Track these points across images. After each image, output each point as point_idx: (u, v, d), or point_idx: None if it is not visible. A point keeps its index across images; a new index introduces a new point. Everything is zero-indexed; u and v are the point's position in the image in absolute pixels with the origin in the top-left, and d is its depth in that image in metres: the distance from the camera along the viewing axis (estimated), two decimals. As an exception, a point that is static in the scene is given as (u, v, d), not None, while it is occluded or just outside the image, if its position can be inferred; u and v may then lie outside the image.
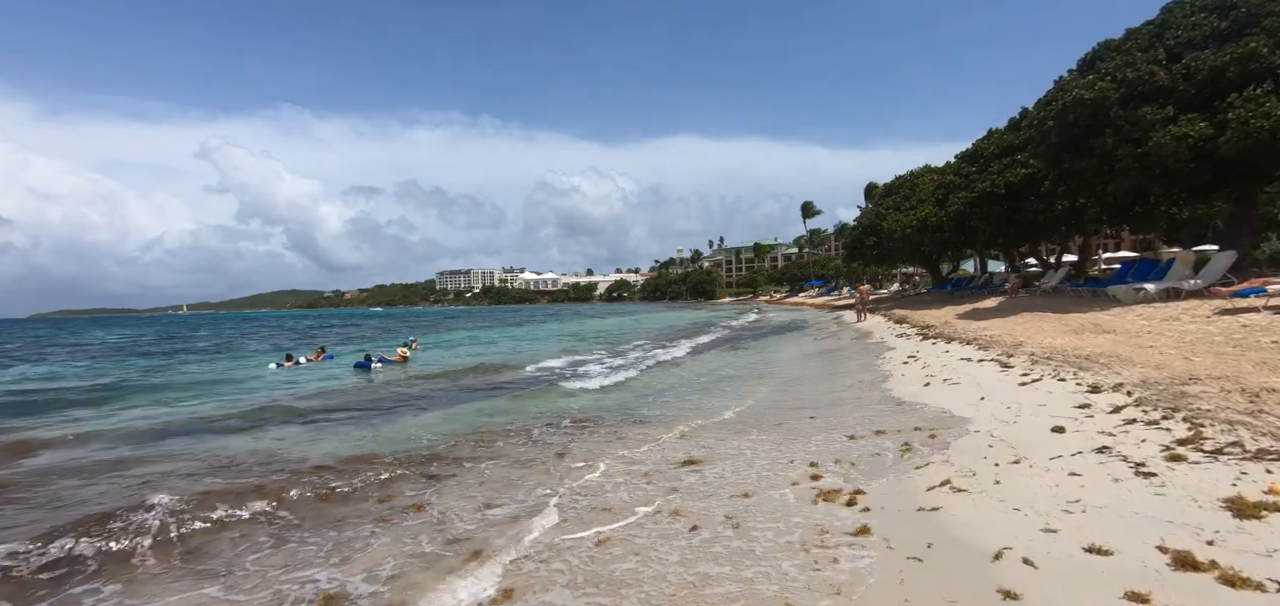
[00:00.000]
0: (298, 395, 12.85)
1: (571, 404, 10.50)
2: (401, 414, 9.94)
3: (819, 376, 11.64)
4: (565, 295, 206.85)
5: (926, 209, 30.73)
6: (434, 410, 10.25)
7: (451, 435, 7.94)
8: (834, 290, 79.90)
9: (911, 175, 41.71)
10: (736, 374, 13.37)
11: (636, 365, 16.03)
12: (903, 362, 11.15)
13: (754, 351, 18.85)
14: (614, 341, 25.11)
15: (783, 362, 14.83)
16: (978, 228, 27.27)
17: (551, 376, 14.62)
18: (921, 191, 35.73)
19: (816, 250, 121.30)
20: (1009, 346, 10.84)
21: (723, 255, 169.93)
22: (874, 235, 39.52)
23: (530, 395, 11.72)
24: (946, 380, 8.52)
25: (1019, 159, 26.06)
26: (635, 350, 20.75)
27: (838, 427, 6.59)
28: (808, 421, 7.28)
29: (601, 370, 15.22)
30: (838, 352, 15.72)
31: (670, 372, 14.44)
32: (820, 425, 6.93)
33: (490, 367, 16.92)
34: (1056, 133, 18.11)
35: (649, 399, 10.58)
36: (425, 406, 10.72)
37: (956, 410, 6.50)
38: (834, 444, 5.92)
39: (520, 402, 10.88)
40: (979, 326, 15.15)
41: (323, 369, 17.93)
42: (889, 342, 15.67)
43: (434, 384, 14.04)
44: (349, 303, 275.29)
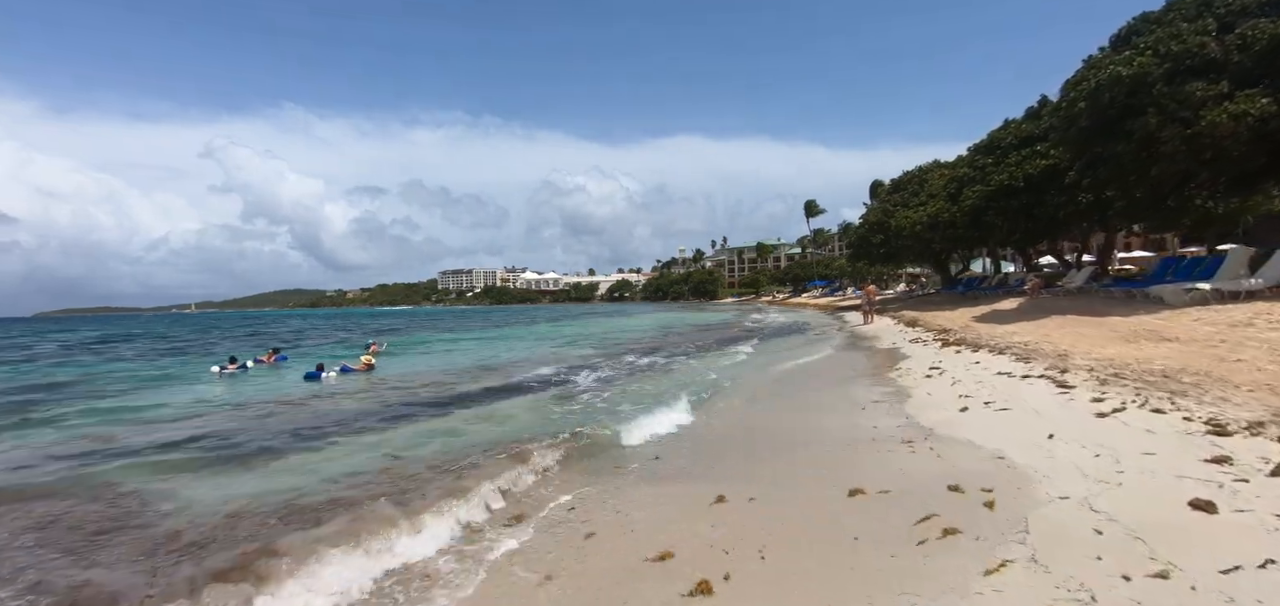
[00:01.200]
0: (214, 408, 11.07)
1: (517, 425, 8.70)
2: (318, 442, 8.13)
3: (818, 393, 9.78)
4: (566, 295, 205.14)
5: (938, 204, 28.81)
6: (356, 438, 8.44)
7: (357, 474, 6.15)
8: (838, 290, 77.93)
9: (920, 170, 39.81)
10: (711, 383, 11.54)
11: (603, 381, 14.21)
12: (924, 376, 9.29)
13: (745, 356, 17.00)
14: (601, 348, 23.30)
15: (775, 373, 12.97)
16: (994, 223, 25.35)
17: (504, 391, 12.82)
18: (932, 186, 33.82)
19: (820, 250, 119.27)
20: (1053, 356, 8.97)
21: (725, 255, 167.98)
22: (881, 233, 37.59)
23: (477, 419, 9.91)
24: (989, 403, 6.66)
25: (1038, 150, 24.15)
26: (609, 361, 18.93)
27: (837, 474, 4.74)
28: (794, 460, 5.46)
29: (554, 378, 13.42)
30: (843, 362, 13.86)
31: (631, 382, 12.61)
32: (810, 466, 5.11)
33: (450, 381, 15.13)
34: (1088, 115, 16.20)
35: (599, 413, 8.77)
36: (350, 432, 8.91)
37: (1016, 454, 4.65)
38: (828, 505, 4.09)
39: (470, 425, 9.09)
40: (1005, 331, 13.27)
41: (268, 375, 16.16)
42: (903, 349, 13.81)
43: (383, 397, 12.25)
44: (351, 302, 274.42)
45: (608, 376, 13.69)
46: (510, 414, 9.50)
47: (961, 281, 36.36)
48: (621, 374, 14.07)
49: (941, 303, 29.11)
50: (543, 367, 16.09)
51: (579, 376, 13.89)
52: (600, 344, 23.61)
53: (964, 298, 29.51)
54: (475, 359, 19.35)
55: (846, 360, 13.88)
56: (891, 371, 10.69)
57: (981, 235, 27.16)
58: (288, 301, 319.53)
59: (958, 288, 34.79)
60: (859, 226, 41.93)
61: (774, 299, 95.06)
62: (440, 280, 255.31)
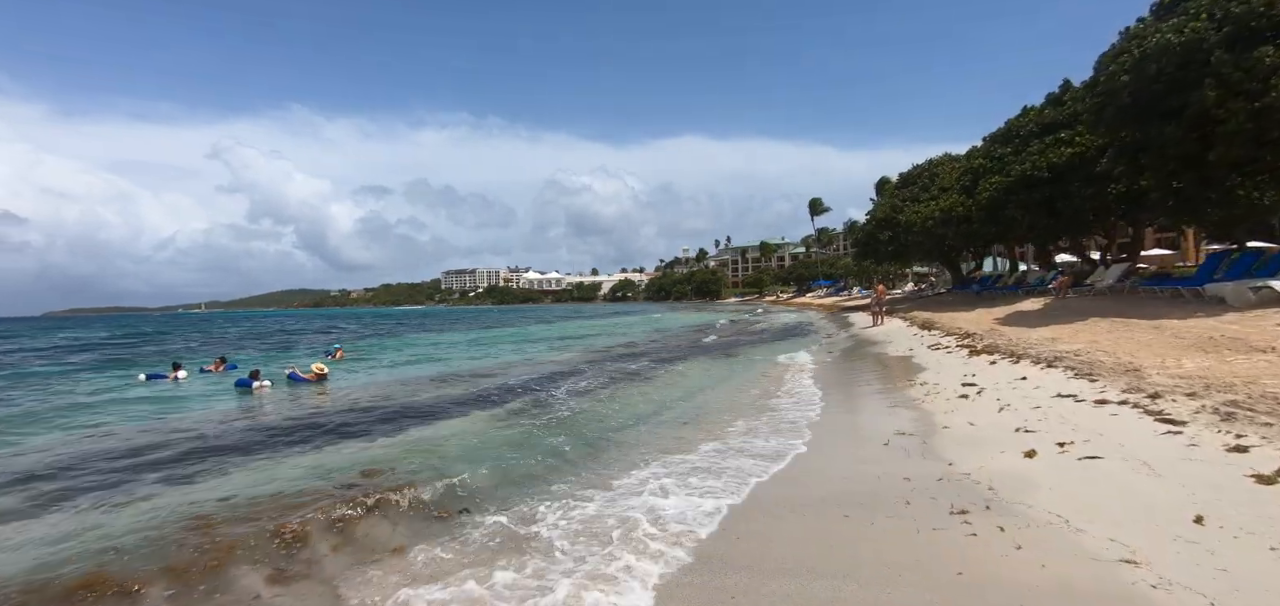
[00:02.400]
0: (88, 427, 9.33)
1: (446, 445, 6.93)
2: (145, 481, 6.37)
3: (821, 418, 7.96)
4: (569, 295, 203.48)
5: (952, 197, 26.90)
6: (242, 469, 6.67)
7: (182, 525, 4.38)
8: (843, 290, 75.91)
9: (930, 164, 37.86)
10: (681, 404, 9.75)
11: (573, 394, 12.43)
12: (958, 395, 7.44)
13: (735, 364, 15.18)
14: (587, 351, 21.53)
15: (770, 385, 11.13)
16: (1014, 217, 23.40)
17: (457, 405, 11.05)
18: (943, 180, 31.90)
19: (824, 250, 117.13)
20: (1123, 372, 7.12)
21: (729, 254, 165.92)
22: (889, 229, 35.65)
23: (399, 446, 8.14)
24: (1065, 446, 4.81)
25: (1063, 137, 22.24)
26: (590, 365, 17.16)
27: (854, 588, 2.91)
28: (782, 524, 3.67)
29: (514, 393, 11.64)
30: (850, 372, 12.02)
31: (601, 396, 10.81)
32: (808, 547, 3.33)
33: (402, 392, 13.39)
34: (1131, 91, 14.31)
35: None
36: (242, 457, 7.14)
37: (1158, 558, 2.82)
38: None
39: (392, 453, 7.34)
40: (1040, 336, 11.40)
41: (205, 384, 14.45)
42: (919, 357, 11.95)
43: (307, 413, 10.48)
44: (355, 302, 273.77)
45: (580, 387, 11.90)
46: (438, 441, 7.69)
47: (975, 280, 34.41)
48: (595, 383, 12.27)
49: (955, 303, 27.19)
50: (521, 375, 14.36)
51: (553, 386, 12.14)
52: (587, 347, 21.82)
53: (979, 298, 27.58)
54: (446, 365, 17.59)
55: (856, 369, 12.04)
56: (911, 386, 8.85)
57: (999, 230, 25.24)
58: (292, 301, 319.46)
59: (971, 287, 32.83)
60: (865, 223, 40.00)
61: (778, 299, 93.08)
62: (444, 280, 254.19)
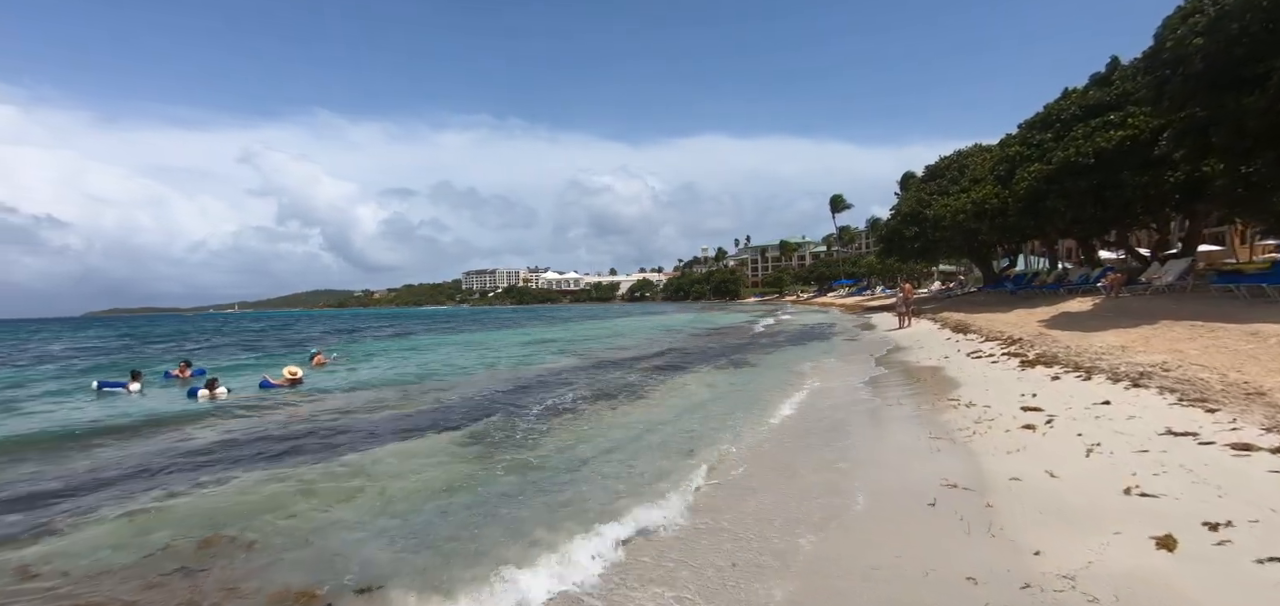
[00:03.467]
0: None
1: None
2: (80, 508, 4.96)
3: (845, 445, 6.28)
4: (587, 295, 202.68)
5: (985, 188, 24.80)
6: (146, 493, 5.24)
7: None
8: (866, 290, 73.41)
9: (960, 155, 35.64)
10: (681, 425, 8.13)
11: (548, 411, 10.89)
12: (1020, 426, 5.68)
13: (743, 375, 13.50)
14: (586, 358, 20.03)
15: (767, 416, 9.46)
16: (1056, 209, 21.30)
17: (422, 424, 9.58)
18: (975, 170, 29.75)
19: (847, 248, 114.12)
20: (1239, 395, 5.33)
21: (748, 254, 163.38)
22: (916, 225, 33.55)
23: (326, 477, 6.66)
24: (1216, 527, 3.11)
25: (1112, 120, 20.12)
26: (585, 375, 15.64)
27: None
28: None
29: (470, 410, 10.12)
30: (873, 386, 10.28)
31: (586, 416, 9.24)
32: None
33: (372, 405, 11.98)
34: (1205, 55, 12.32)
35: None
36: (102, 491, 5.72)
37: None
38: None
39: (320, 485, 5.87)
40: (1103, 343, 9.53)
41: (159, 392, 13.21)
42: (957, 367, 10.16)
43: (252, 431, 9.08)
44: (377, 302, 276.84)
45: (562, 402, 10.36)
46: (357, 483, 6.17)
47: (1009, 279, 32.12)
48: (580, 398, 10.71)
49: (988, 303, 25.10)
50: (499, 385, 12.89)
51: (532, 399, 10.62)
52: (587, 351, 20.28)
53: (1015, 297, 25.45)
54: (433, 370, 16.18)
55: (878, 384, 10.29)
56: (952, 408, 7.12)
57: (1038, 223, 23.11)
58: (317, 301, 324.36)
59: (1005, 285, 30.59)
60: (889, 219, 37.87)
61: (798, 298, 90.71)
62: (464, 280, 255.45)
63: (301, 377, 13.95)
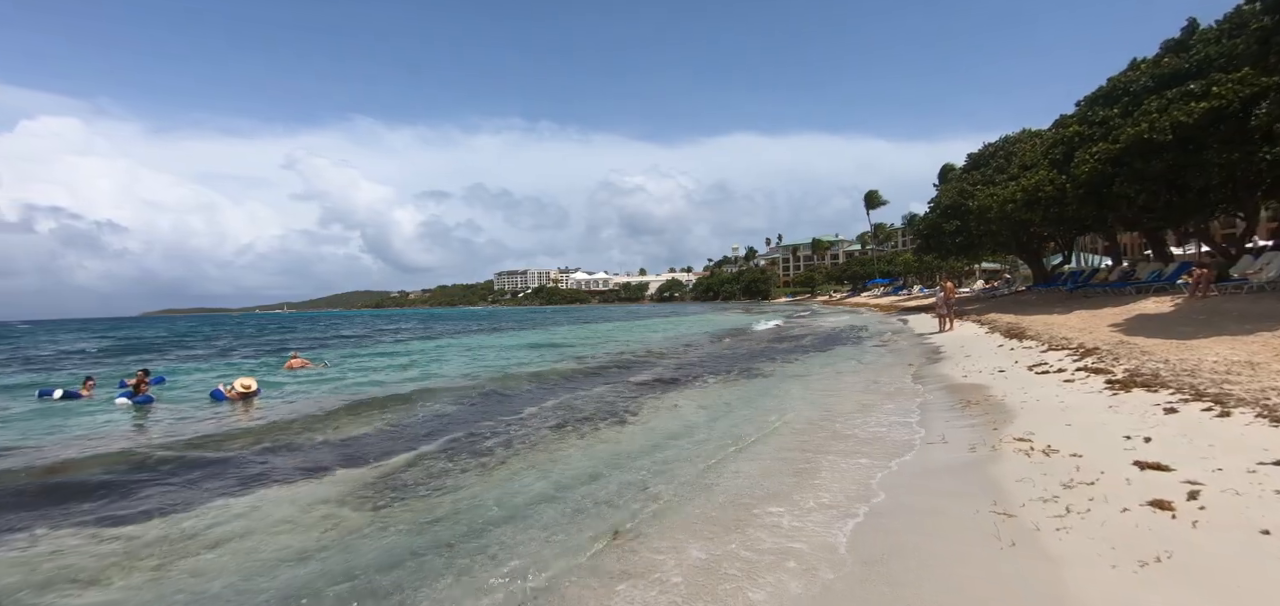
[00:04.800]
0: None
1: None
2: None
3: (847, 547, 4.26)
4: (616, 295, 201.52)
5: (1038, 174, 22.02)
6: None
7: None
8: (902, 289, 69.89)
9: (1006, 141, 32.72)
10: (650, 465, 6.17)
11: (505, 445, 9.06)
12: (1144, 503, 3.56)
13: (752, 389, 11.42)
14: (583, 365, 18.23)
15: (768, 457, 7.41)
16: (1124, 194, 18.52)
17: (354, 452, 7.88)
18: (1025, 157, 26.88)
19: (882, 246, 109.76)
20: None
21: (779, 252, 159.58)
22: (957, 218, 30.79)
23: (169, 543, 4.95)
24: None
25: (1193, 90, 17.29)
26: (569, 389, 13.83)
27: None
28: None
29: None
30: (909, 409, 8.15)
31: (550, 443, 7.36)
32: None
33: (314, 423, 10.36)
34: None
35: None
36: None
37: None
38: None
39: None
40: (1222, 358, 7.20)
41: (89, 407, 11.84)
42: (1016, 390, 7.90)
43: (112, 459, 7.50)
44: (412, 302, 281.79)
45: (523, 430, 8.52)
46: (215, 535, 4.42)
47: (1064, 277, 29.03)
48: (547, 423, 8.85)
49: (1041, 304, 22.35)
50: (468, 401, 11.17)
51: (491, 422, 8.83)
52: (588, 356, 18.42)
53: (1073, 297, 22.63)
54: (408, 382, 14.54)
55: (915, 407, 8.13)
56: (1017, 451, 4.99)
57: (1101, 212, 20.30)
58: (355, 302, 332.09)
59: (1060, 284, 27.58)
60: (928, 213, 35.04)
61: (830, 298, 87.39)
62: (496, 281, 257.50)
63: (256, 389, 12.45)
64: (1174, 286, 18.42)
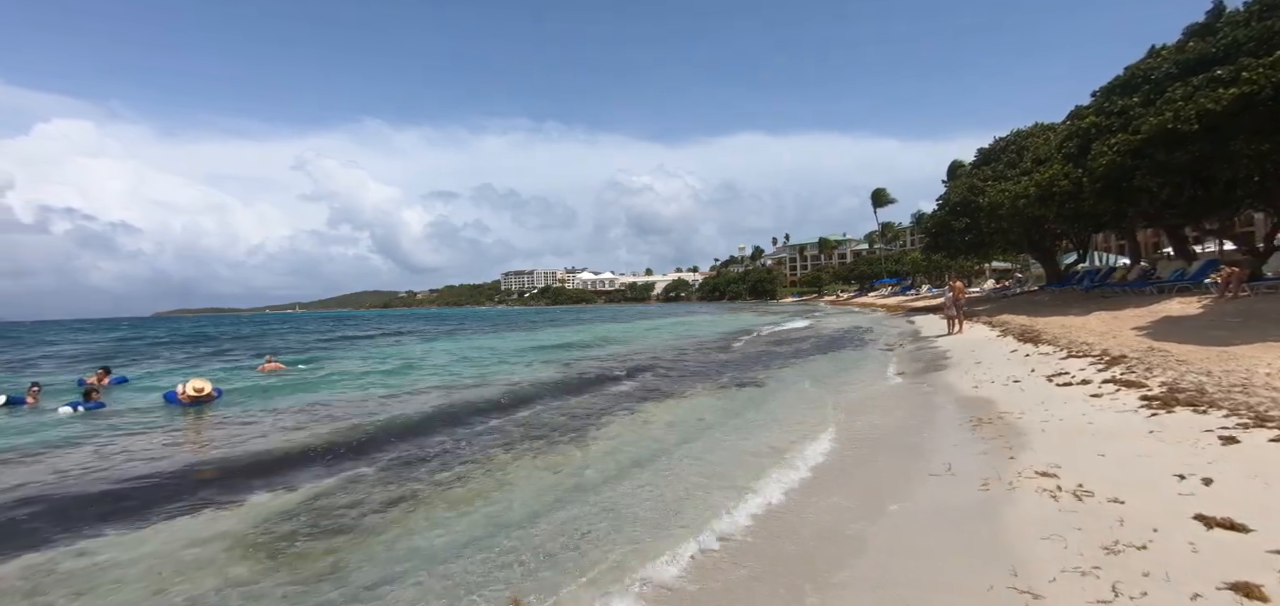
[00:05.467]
0: None
1: None
2: None
3: None
4: (622, 295, 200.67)
5: (1053, 168, 20.88)
6: None
7: None
8: (910, 289, 68.56)
9: (1018, 135, 31.49)
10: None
11: (425, 473, 8.15)
12: (1222, 588, 2.65)
13: (740, 401, 10.47)
14: (564, 371, 17.35)
15: (733, 497, 6.47)
16: (1145, 188, 17.39)
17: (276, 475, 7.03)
18: (1038, 150, 25.72)
19: (890, 245, 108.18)
20: None
21: (786, 252, 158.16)
22: (966, 215, 29.63)
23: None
24: None
25: (1220, 76, 16.15)
26: (536, 404, 12.94)
27: None
28: None
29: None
30: (911, 435, 7.19)
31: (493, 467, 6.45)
32: None
33: (244, 439, 9.54)
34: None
35: None
36: None
37: None
38: None
39: None
40: (1270, 365, 6.19)
41: (33, 414, 11.06)
42: (1033, 406, 6.89)
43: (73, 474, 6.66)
44: (420, 302, 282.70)
45: (465, 451, 7.62)
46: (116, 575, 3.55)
47: (1079, 276, 27.82)
48: (499, 444, 7.94)
49: (1055, 304, 21.23)
50: (426, 412, 10.28)
51: (436, 442, 7.95)
52: (571, 365, 17.49)
53: (1089, 297, 21.49)
54: (376, 387, 13.67)
55: (917, 430, 7.16)
56: (1041, 491, 4.03)
57: (1120, 207, 19.15)
58: (363, 302, 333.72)
59: (1075, 283, 26.39)
60: (939, 209, 33.89)
61: (837, 298, 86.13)
62: (503, 281, 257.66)
63: (209, 393, 11.63)
64: (1199, 286, 17.29)
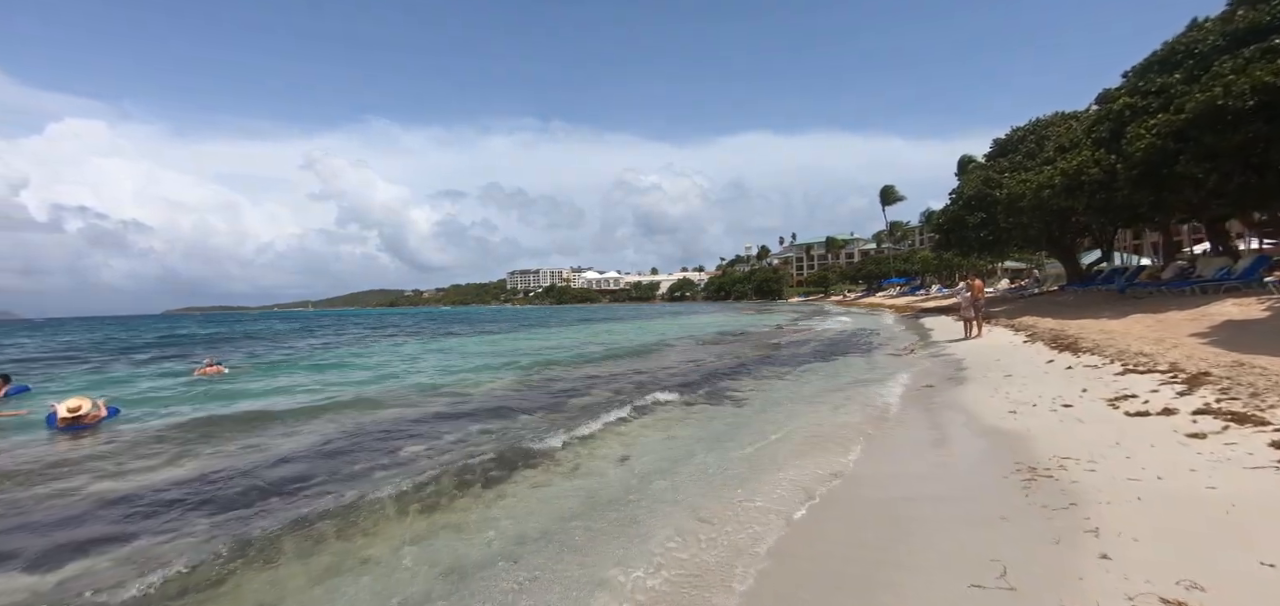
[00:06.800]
0: None
1: None
2: None
3: None
4: (627, 294, 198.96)
5: (1082, 154, 18.85)
6: None
7: None
8: (919, 289, 66.35)
9: (1037, 124, 29.38)
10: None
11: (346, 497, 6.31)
12: None
13: (715, 424, 8.65)
14: (526, 378, 15.58)
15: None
16: (1188, 175, 15.40)
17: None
18: (1062, 138, 23.66)
19: (898, 245, 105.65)
20: None
21: (792, 251, 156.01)
22: (982, 209, 27.60)
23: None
24: None
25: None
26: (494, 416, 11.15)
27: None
28: None
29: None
30: (928, 509, 5.33)
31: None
32: None
33: (144, 461, 7.83)
34: None
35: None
36: None
37: None
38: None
39: None
40: None
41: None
42: (1107, 451, 5.01)
43: None
44: (426, 301, 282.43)
45: (369, 496, 5.84)
46: None
47: (1106, 275, 25.71)
48: (423, 477, 6.15)
49: (1083, 306, 19.21)
50: (361, 432, 8.51)
51: (350, 477, 6.18)
52: (545, 372, 15.68)
53: (1121, 298, 19.47)
54: (323, 395, 11.95)
55: (933, 495, 5.32)
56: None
57: (1159, 197, 17.12)
58: (370, 301, 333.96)
59: (1100, 283, 24.32)
60: (952, 204, 31.84)
61: (844, 298, 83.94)
62: (509, 280, 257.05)
63: (89, 413, 9.90)
64: (1250, 285, 15.29)
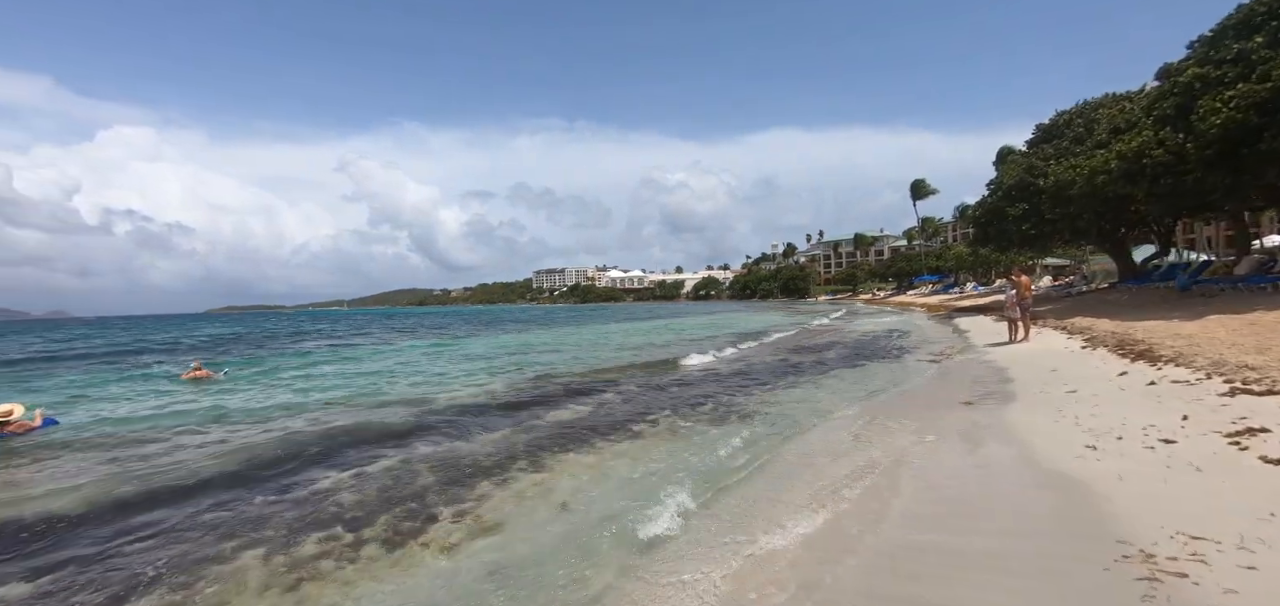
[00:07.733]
0: None
1: None
2: None
3: None
4: (651, 293, 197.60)
5: (1144, 134, 16.80)
6: None
7: None
8: (953, 286, 63.49)
9: (1085, 106, 27.10)
10: None
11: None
12: None
13: (706, 455, 7.21)
14: (512, 388, 14.31)
15: None
16: (1275, 153, 13.37)
17: None
18: (1115, 120, 21.51)
19: (930, 241, 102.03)
20: None
21: (820, 249, 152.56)
22: (1024, 200, 25.52)
23: None
24: None
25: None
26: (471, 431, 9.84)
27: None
28: None
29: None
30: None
31: None
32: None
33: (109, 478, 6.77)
34: None
35: None
36: None
37: None
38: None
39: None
40: None
41: None
42: (1271, 526, 3.50)
43: None
44: (454, 300, 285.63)
45: (288, 531, 4.59)
46: None
47: (1166, 270, 23.40)
48: (348, 517, 4.89)
49: (1140, 305, 17.13)
50: (297, 454, 7.34)
51: (268, 510, 4.97)
52: (541, 377, 14.39)
53: (1186, 297, 17.38)
54: (295, 405, 10.88)
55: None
56: None
57: (1238, 179, 15.04)
58: (400, 300, 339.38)
59: (1158, 280, 22.08)
60: (991, 194, 29.69)
61: (873, 297, 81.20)
62: (535, 279, 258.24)
63: (19, 423, 8.98)
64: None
